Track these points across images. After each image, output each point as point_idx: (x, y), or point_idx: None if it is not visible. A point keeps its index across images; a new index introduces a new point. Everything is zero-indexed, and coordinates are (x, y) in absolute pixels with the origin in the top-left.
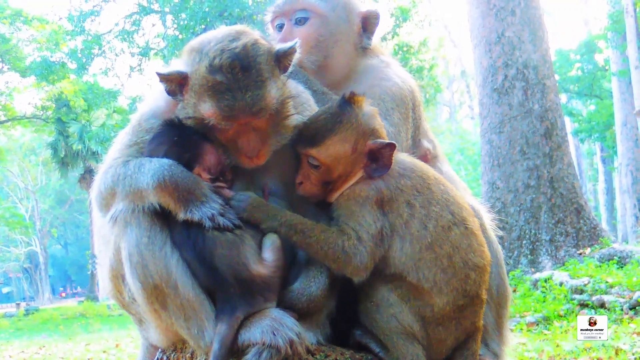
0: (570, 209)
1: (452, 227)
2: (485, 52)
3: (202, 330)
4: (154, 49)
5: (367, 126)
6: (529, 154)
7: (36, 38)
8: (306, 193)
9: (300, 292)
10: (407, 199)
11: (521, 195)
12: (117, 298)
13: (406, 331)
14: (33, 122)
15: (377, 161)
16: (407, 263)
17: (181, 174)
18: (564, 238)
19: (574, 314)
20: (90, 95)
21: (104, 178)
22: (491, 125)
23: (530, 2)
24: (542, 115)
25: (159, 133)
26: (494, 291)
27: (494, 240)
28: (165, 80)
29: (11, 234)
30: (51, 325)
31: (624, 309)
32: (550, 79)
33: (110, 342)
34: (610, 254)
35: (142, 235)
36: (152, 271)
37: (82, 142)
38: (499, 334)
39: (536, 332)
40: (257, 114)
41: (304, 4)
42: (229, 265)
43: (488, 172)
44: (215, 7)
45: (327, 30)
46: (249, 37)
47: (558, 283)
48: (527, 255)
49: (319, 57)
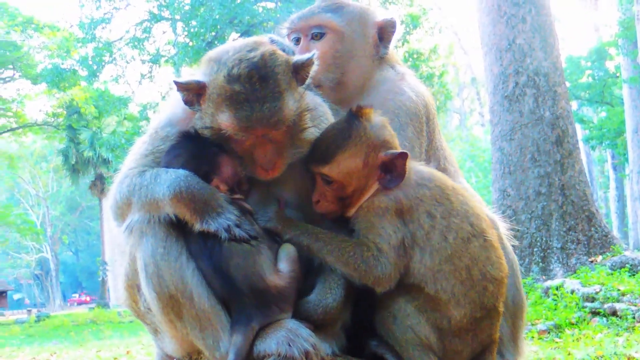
0: (582, 217)
1: (472, 239)
2: (495, 59)
3: (217, 340)
4: (164, 56)
5: (377, 138)
6: (540, 161)
7: (47, 45)
8: (324, 211)
9: (316, 303)
10: (428, 209)
11: (532, 202)
12: (132, 307)
13: (422, 343)
14: (44, 129)
15: (391, 172)
16: (426, 274)
17: (197, 185)
18: (575, 246)
19: (585, 322)
20: (101, 102)
21: (119, 188)
22: (502, 132)
23: (541, 9)
24: (553, 122)
25: (176, 144)
26: (509, 302)
27: (510, 250)
28: (183, 89)
29: (22, 240)
30: (62, 331)
31: (636, 317)
32: (561, 86)
33: (121, 349)
34: (622, 262)
35: (158, 245)
36: (168, 281)
37: (93, 149)
38: (514, 344)
39: (548, 340)
40: (274, 126)
41: (320, 20)
42: (245, 276)
43: (499, 180)
44: (226, 14)
45: (343, 46)
46: (267, 47)
47: (569, 291)
48: (538, 263)
49: (337, 74)
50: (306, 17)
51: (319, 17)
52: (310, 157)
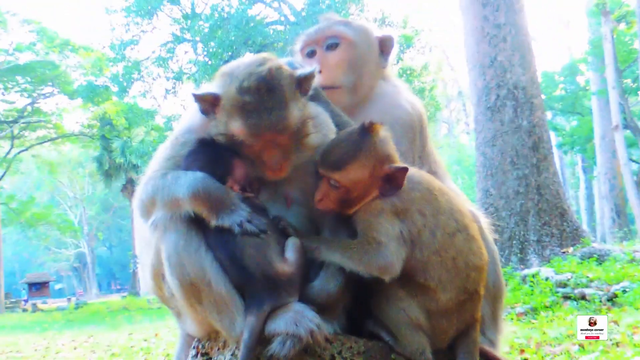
0: (555, 213)
1: (456, 234)
2: (479, 75)
3: (233, 322)
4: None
5: (383, 153)
6: (518, 164)
7: (82, 64)
8: (324, 208)
9: (320, 288)
10: (419, 209)
11: (512, 201)
12: (157, 294)
13: (413, 323)
14: (80, 139)
15: (390, 183)
16: (416, 266)
17: (213, 185)
18: (549, 238)
19: (558, 305)
20: (131, 114)
21: (145, 188)
22: (485, 139)
23: (520, 30)
24: (530, 130)
25: (194, 150)
26: (490, 287)
27: (491, 241)
28: (200, 100)
29: (62, 237)
30: (98, 317)
31: (603, 301)
32: (537, 98)
33: (150, 332)
34: (590, 253)
35: (180, 238)
36: (189, 270)
37: (123, 156)
38: (494, 324)
39: (525, 321)
40: (280, 132)
41: (335, 32)
42: (257, 264)
43: (482, 181)
44: (240, 36)
45: (356, 54)
46: (273, 62)
47: (544, 278)
48: (516, 254)
49: (354, 77)
50: (322, 30)
51: (333, 30)
52: (323, 162)
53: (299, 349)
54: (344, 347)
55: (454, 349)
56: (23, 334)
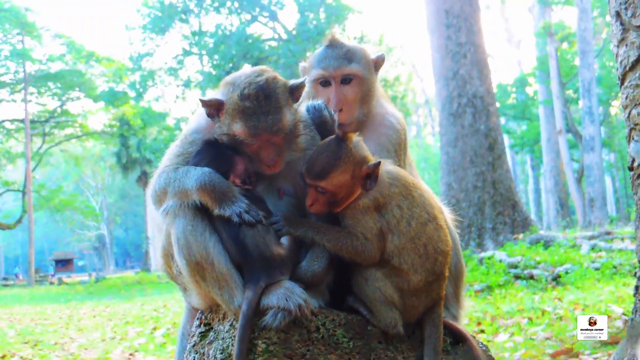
0: (508, 205)
1: (428, 223)
2: (444, 86)
3: (232, 296)
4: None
5: (359, 156)
6: (476, 162)
7: (105, 73)
8: (316, 211)
9: (306, 268)
10: (397, 203)
11: (471, 194)
12: (167, 271)
13: (387, 300)
14: (102, 137)
15: (369, 177)
16: (393, 252)
17: (217, 179)
18: (502, 226)
19: (510, 284)
20: (146, 116)
21: (158, 180)
22: (448, 141)
23: (478, 47)
24: (486, 133)
25: (201, 149)
26: (453, 268)
27: (453, 229)
28: (206, 105)
29: (85, 221)
30: (115, 290)
31: (548, 281)
32: (492, 106)
33: (159, 303)
34: (537, 239)
35: (187, 224)
36: (195, 251)
37: (139, 151)
38: (456, 300)
39: (482, 298)
40: (275, 133)
41: (350, 70)
42: (256, 246)
43: (445, 176)
44: (240, 50)
45: (366, 87)
46: (270, 73)
47: (498, 260)
48: (475, 239)
49: (366, 110)
50: (339, 67)
51: (349, 68)
52: (308, 173)
53: (289, 321)
54: (327, 320)
55: (422, 323)
56: (50, 304)
